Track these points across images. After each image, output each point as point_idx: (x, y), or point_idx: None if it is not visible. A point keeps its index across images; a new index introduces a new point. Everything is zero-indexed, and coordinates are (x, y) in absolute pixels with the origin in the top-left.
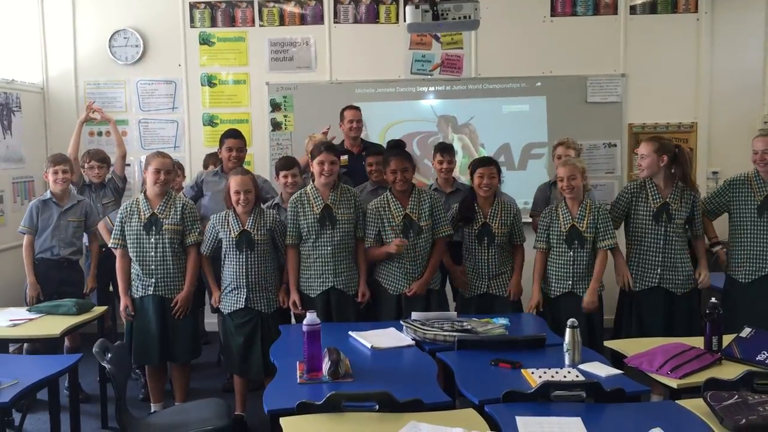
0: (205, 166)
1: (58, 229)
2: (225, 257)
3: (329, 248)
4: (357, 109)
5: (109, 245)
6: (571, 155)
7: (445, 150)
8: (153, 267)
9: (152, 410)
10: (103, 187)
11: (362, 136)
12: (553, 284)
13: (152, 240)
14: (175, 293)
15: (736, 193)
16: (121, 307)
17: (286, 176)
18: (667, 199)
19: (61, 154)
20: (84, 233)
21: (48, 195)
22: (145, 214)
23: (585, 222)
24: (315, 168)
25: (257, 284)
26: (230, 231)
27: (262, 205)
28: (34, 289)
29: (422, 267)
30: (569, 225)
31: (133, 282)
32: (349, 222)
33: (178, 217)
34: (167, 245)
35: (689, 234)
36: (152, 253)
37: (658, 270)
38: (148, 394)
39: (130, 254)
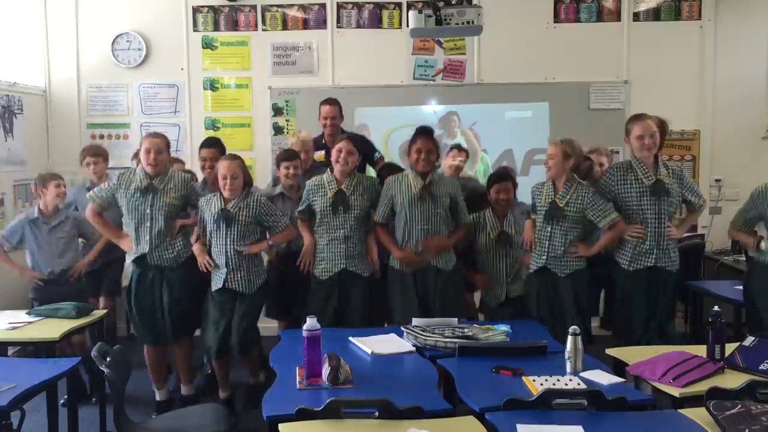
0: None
1: (49, 245)
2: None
3: (341, 232)
4: (333, 104)
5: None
6: (604, 162)
7: (459, 150)
8: (148, 237)
9: (158, 398)
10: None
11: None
12: (535, 258)
13: (147, 210)
14: (172, 263)
15: None
16: (126, 246)
17: (287, 167)
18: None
19: (54, 172)
20: (80, 245)
21: (35, 214)
22: (142, 183)
23: (566, 199)
24: (333, 155)
25: (237, 264)
26: (212, 211)
27: (252, 190)
28: (26, 271)
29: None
30: (550, 200)
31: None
32: (362, 209)
33: (177, 191)
34: (163, 216)
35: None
36: (147, 224)
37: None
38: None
39: (125, 222)
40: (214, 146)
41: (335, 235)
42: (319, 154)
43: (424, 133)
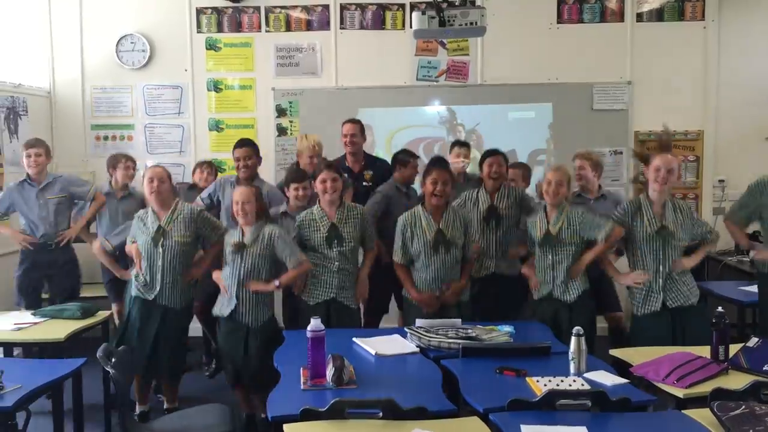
0: None
1: (38, 208)
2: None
3: (336, 264)
4: (355, 122)
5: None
6: (586, 167)
7: (462, 145)
8: (159, 276)
9: (137, 411)
10: (130, 195)
11: (368, 143)
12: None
13: (160, 250)
14: (177, 304)
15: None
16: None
17: (297, 188)
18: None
19: (36, 138)
20: (73, 209)
21: (22, 178)
22: (152, 227)
23: (558, 225)
24: (318, 187)
25: (246, 296)
26: (231, 243)
27: (268, 221)
28: (18, 235)
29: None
30: (545, 231)
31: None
32: (354, 239)
33: (187, 228)
34: (176, 256)
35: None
36: (159, 263)
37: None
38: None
39: (142, 263)
40: (246, 146)
41: (329, 267)
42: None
43: (438, 163)
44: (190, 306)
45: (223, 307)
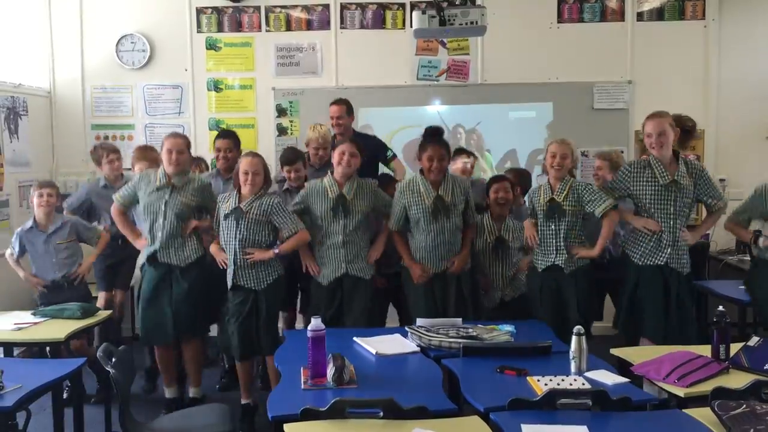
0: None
1: (48, 254)
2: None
3: (339, 237)
4: (340, 103)
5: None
6: (602, 166)
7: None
8: (161, 234)
9: (167, 395)
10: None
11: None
12: (540, 257)
13: (162, 207)
14: (183, 263)
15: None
16: (140, 246)
17: (289, 171)
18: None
19: (48, 180)
20: (81, 247)
21: (30, 223)
22: (161, 180)
23: (563, 194)
24: (335, 157)
25: (244, 261)
26: (228, 207)
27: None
28: (31, 278)
29: (450, 252)
30: (548, 198)
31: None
32: (362, 214)
33: (195, 194)
34: (176, 214)
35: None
36: (161, 220)
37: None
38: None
39: (143, 220)
40: (228, 137)
41: (333, 240)
42: None
43: (433, 136)
44: (201, 262)
45: (228, 278)
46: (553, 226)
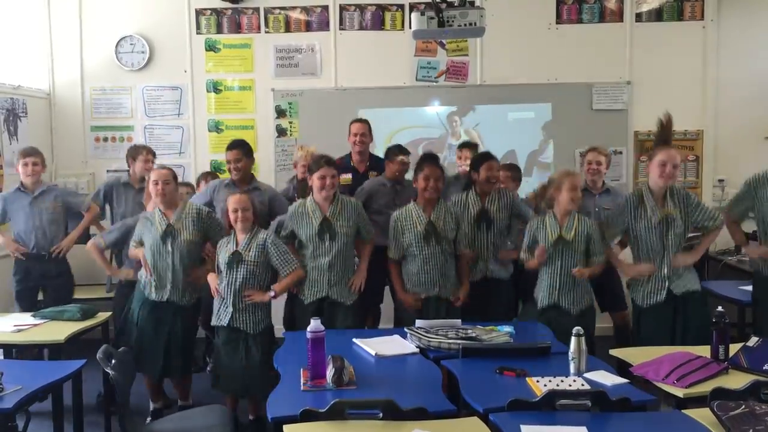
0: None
1: (32, 217)
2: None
3: (327, 259)
4: (363, 122)
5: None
6: (602, 161)
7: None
8: (169, 275)
9: (151, 408)
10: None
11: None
12: (541, 295)
13: (169, 260)
14: (187, 302)
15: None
16: (122, 276)
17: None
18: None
19: (32, 146)
20: (68, 221)
21: (16, 186)
22: (161, 226)
23: (573, 232)
24: (315, 182)
25: (243, 304)
26: (227, 251)
27: (264, 227)
28: (11, 243)
29: (442, 276)
30: (557, 235)
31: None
32: (347, 234)
33: (195, 226)
34: (184, 255)
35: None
36: (168, 261)
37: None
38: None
39: (148, 261)
40: (235, 147)
41: (320, 262)
42: (345, 177)
43: (430, 159)
44: (198, 303)
45: (220, 316)
46: (558, 263)
